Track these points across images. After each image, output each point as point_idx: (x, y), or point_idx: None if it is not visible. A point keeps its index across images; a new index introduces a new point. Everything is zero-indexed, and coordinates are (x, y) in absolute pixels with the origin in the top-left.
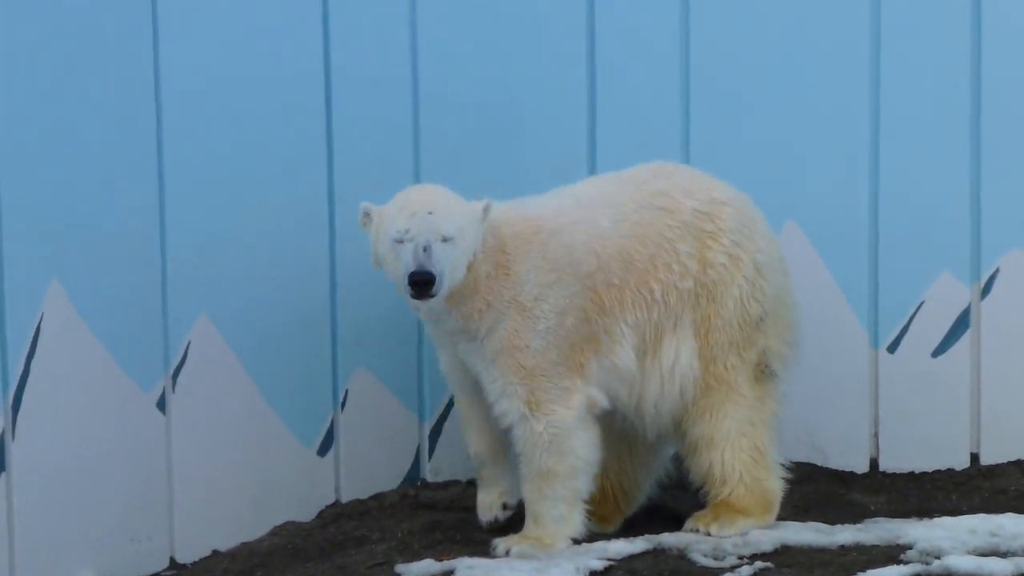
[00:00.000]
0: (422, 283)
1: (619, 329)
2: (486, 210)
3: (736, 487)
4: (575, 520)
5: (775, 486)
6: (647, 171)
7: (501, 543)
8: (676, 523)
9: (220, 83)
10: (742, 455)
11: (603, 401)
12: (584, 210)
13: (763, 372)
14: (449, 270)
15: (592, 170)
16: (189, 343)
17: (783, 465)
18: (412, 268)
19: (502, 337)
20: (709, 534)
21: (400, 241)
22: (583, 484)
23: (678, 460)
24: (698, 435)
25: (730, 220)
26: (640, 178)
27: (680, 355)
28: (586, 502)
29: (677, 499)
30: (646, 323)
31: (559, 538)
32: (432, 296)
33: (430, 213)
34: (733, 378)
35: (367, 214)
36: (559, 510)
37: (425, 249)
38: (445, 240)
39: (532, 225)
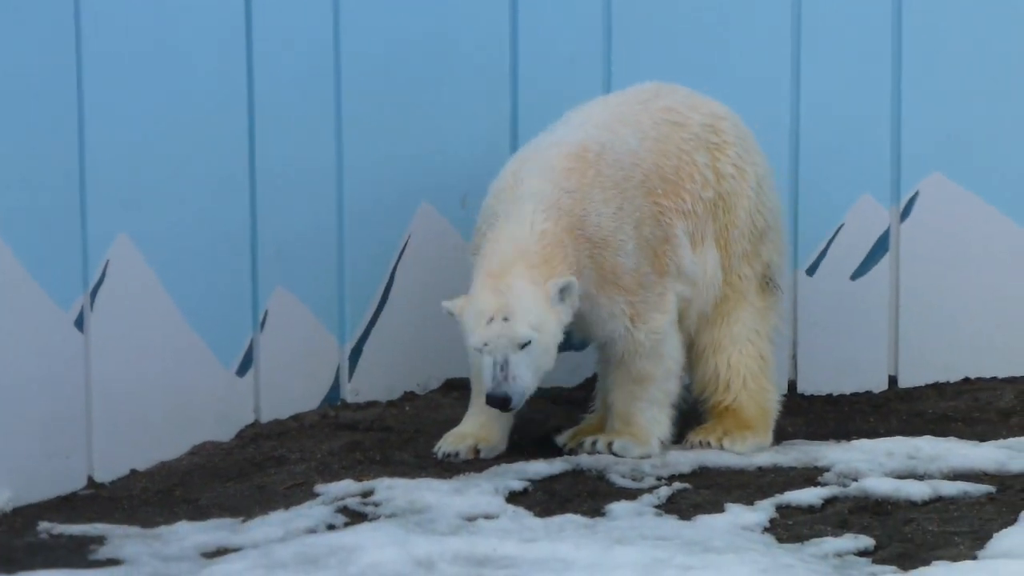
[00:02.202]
0: (498, 403)
1: (676, 235)
2: (564, 290)
3: (739, 393)
4: (665, 423)
5: (774, 398)
6: (648, 91)
7: (600, 438)
8: None
9: (141, 6)
10: (748, 360)
11: (687, 292)
12: (608, 131)
13: (767, 284)
14: (532, 372)
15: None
16: (108, 262)
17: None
18: (488, 389)
19: (598, 274)
20: (722, 447)
21: (479, 351)
22: (674, 386)
23: None
24: (707, 341)
25: (731, 133)
26: (644, 97)
27: (708, 264)
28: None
29: None
30: (686, 233)
31: (652, 438)
32: (513, 408)
33: (505, 320)
34: (745, 287)
35: (450, 313)
36: (651, 412)
37: (503, 366)
38: (522, 347)
39: (574, 176)
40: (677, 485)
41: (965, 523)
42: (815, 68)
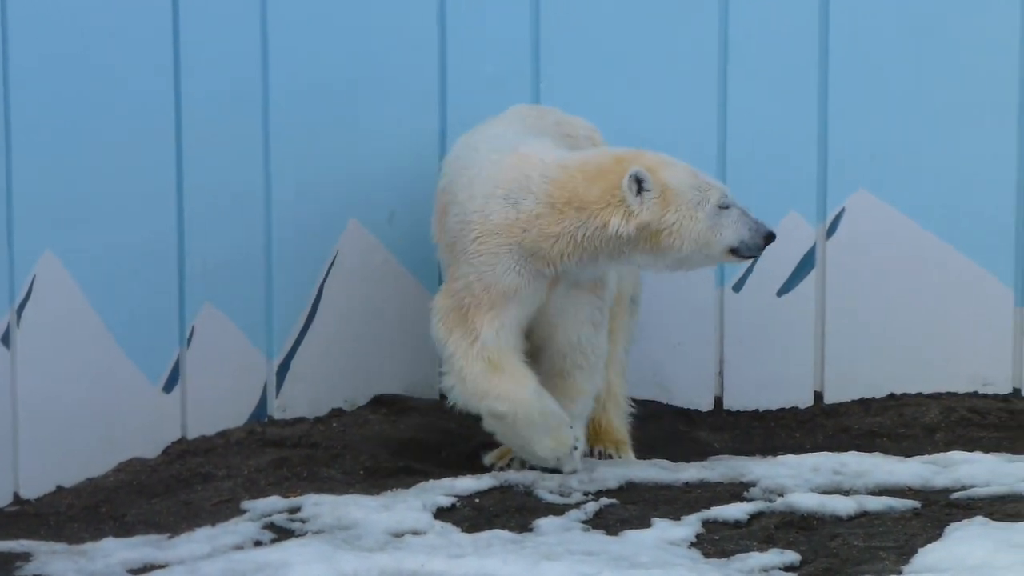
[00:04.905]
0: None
1: None
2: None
3: (608, 407)
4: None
5: (627, 411)
6: (535, 110)
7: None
8: None
9: (69, 24)
10: (619, 380)
11: None
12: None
13: (635, 301)
14: None
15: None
16: (34, 278)
17: (631, 406)
18: (767, 228)
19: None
20: (620, 457)
21: (726, 207)
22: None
23: None
24: None
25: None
26: (536, 114)
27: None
28: None
29: None
30: None
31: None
32: None
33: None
34: (626, 300)
35: (641, 180)
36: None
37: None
38: None
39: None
40: (604, 500)
41: (890, 538)
42: (741, 86)
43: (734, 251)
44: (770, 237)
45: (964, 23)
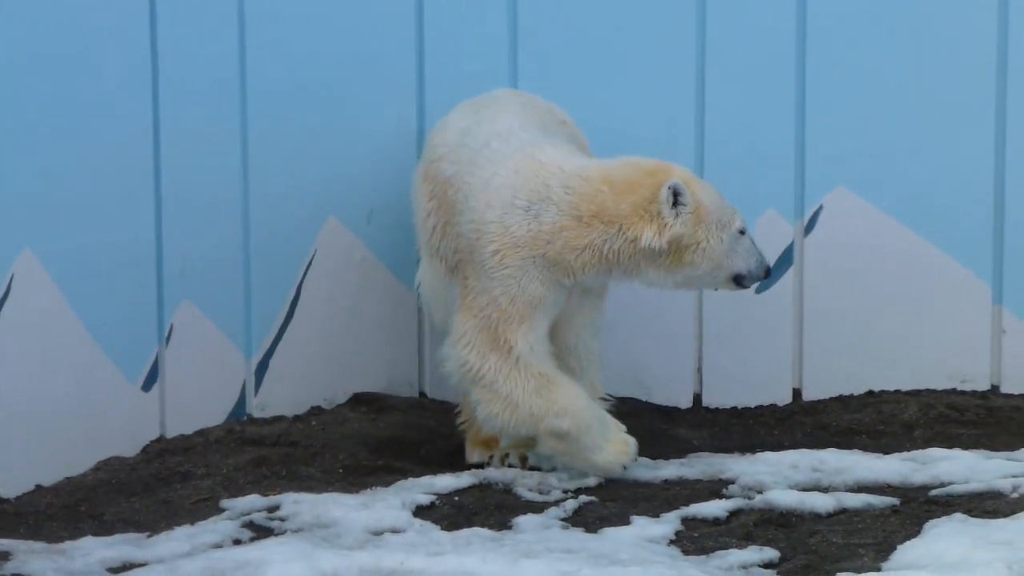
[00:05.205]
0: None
1: None
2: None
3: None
4: None
5: None
6: (526, 97)
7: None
8: None
9: (44, 22)
10: (597, 372)
11: None
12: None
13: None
14: None
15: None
16: (12, 276)
17: (606, 398)
18: (767, 263)
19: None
20: None
21: (742, 233)
22: None
23: None
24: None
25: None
26: (531, 102)
27: None
28: None
29: None
30: None
31: None
32: None
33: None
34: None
35: (679, 193)
36: None
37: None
38: None
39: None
40: (584, 498)
41: (869, 535)
42: (720, 83)
43: (737, 278)
44: (768, 272)
45: (942, 21)
